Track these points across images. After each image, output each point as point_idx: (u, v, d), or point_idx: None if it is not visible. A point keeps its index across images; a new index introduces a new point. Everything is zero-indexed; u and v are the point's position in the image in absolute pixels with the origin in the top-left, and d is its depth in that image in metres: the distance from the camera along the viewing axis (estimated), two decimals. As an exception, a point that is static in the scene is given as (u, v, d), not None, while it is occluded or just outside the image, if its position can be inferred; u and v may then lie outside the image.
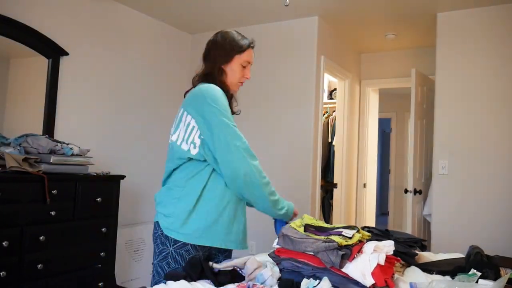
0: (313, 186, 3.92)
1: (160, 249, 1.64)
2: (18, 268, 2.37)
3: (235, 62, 1.77)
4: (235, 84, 1.80)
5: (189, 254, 1.61)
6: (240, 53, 1.77)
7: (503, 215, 3.41)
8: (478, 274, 1.59)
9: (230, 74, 1.77)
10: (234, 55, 1.76)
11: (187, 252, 1.61)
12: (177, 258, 1.60)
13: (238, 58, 1.77)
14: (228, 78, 1.77)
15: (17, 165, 2.39)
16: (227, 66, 1.77)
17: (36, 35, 3.06)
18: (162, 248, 1.63)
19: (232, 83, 1.79)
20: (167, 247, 1.62)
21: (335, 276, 1.46)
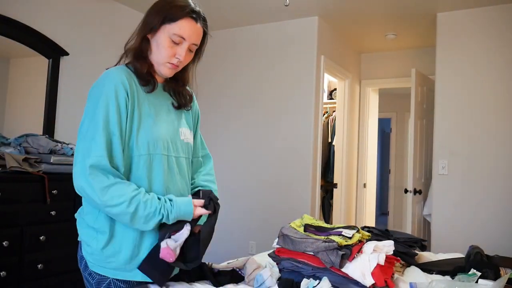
0: (313, 186, 3.92)
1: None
2: (18, 268, 2.37)
3: (162, 33, 1.29)
4: (162, 63, 1.32)
5: None
6: (169, 22, 1.28)
7: (503, 215, 3.41)
8: (478, 274, 1.59)
9: (154, 48, 1.32)
10: (162, 24, 1.29)
11: None
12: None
13: (167, 28, 1.29)
14: (153, 54, 1.33)
15: (17, 165, 2.39)
16: (152, 37, 1.32)
17: (36, 35, 3.06)
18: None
19: (157, 61, 1.33)
20: None
21: (335, 276, 1.47)
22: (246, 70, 4.28)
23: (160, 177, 1.32)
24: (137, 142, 1.28)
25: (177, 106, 1.44)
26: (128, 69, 1.34)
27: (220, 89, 4.35)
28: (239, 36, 4.33)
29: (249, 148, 4.17)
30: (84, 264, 1.33)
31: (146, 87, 1.34)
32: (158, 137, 1.32)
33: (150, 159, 1.30)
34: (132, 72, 1.34)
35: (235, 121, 4.27)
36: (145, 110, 1.32)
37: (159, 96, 1.39)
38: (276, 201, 3.97)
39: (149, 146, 1.30)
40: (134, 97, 1.30)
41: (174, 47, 1.31)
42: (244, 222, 4.12)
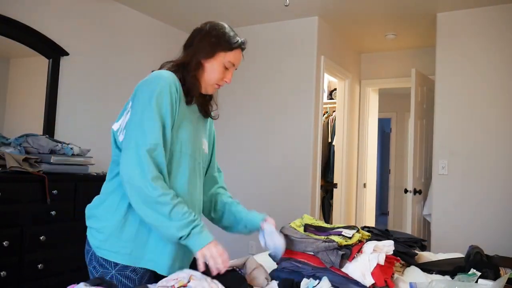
0: (313, 186, 3.92)
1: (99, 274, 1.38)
2: (18, 268, 2.38)
3: (217, 59, 1.46)
4: (211, 84, 1.49)
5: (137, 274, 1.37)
6: (226, 51, 1.47)
7: (503, 215, 3.41)
8: (477, 274, 1.59)
9: (208, 71, 1.46)
10: (219, 52, 1.46)
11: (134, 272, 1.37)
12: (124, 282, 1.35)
13: (222, 56, 1.47)
14: (205, 75, 1.47)
15: (18, 165, 2.39)
16: (207, 62, 1.46)
17: (36, 35, 3.06)
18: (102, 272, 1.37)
19: (208, 82, 1.48)
20: (108, 270, 1.35)
21: (335, 276, 1.47)
22: (246, 70, 4.28)
23: (186, 176, 1.42)
24: (175, 138, 1.38)
25: (205, 115, 1.58)
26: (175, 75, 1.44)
27: (220, 89, 4.35)
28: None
29: (249, 148, 4.17)
30: (90, 256, 1.39)
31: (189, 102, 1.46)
32: (190, 139, 1.44)
33: (181, 157, 1.40)
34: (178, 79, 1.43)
35: (234, 121, 4.27)
36: (186, 114, 1.44)
37: (192, 107, 1.51)
38: (276, 201, 3.97)
39: (182, 145, 1.40)
40: (180, 100, 1.42)
41: (224, 71, 1.50)
42: (244, 222, 4.11)
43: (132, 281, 1.35)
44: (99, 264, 1.36)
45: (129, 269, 1.35)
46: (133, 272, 1.35)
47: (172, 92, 1.35)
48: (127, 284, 1.34)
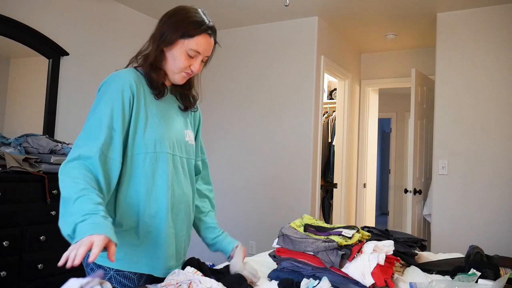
0: (313, 186, 3.92)
1: None
2: (18, 268, 2.37)
3: (178, 47, 1.34)
4: (177, 73, 1.37)
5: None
6: (186, 38, 1.33)
7: (503, 215, 3.41)
8: (478, 274, 1.59)
9: (170, 60, 1.36)
10: (178, 38, 1.33)
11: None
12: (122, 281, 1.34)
13: (184, 43, 1.33)
14: (167, 64, 1.37)
15: (18, 165, 2.39)
16: (167, 50, 1.36)
17: (36, 35, 3.06)
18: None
19: (172, 71, 1.37)
20: (106, 271, 1.33)
21: (335, 276, 1.47)
22: (245, 70, 4.28)
23: (165, 175, 1.35)
24: (144, 140, 1.32)
25: (184, 108, 1.49)
26: (137, 72, 1.38)
27: (220, 89, 4.35)
28: (239, 36, 4.33)
29: (249, 148, 4.17)
30: (86, 259, 1.35)
31: (156, 95, 1.38)
32: (164, 136, 1.35)
33: (156, 157, 1.34)
34: (141, 75, 1.37)
35: (234, 121, 4.27)
36: (153, 111, 1.36)
37: (166, 99, 1.43)
38: (276, 201, 3.98)
39: (155, 144, 1.33)
40: (141, 98, 1.33)
41: (189, 60, 1.36)
42: (244, 222, 4.12)
43: (131, 280, 1.34)
44: (96, 266, 1.34)
45: (126, 270, 1.33)
46: (131, 272, 1.34)
47: (124, 94, 1.28)
48: (126, 284, 1.33)
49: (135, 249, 1.33)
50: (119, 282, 1.33)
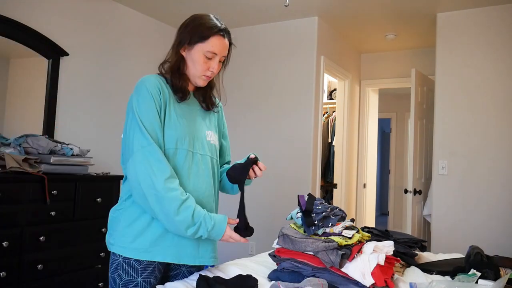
0: (313, 186, 3.92)
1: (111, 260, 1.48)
2: (18, 268, 2.37)
3: (196, 51, 1.46)
4: (198, 77, 1.50)
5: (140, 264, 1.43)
6: (202, 41, 1.45)
7: (503, 215, 3.41)
8: (478, 274, 1.59)
9: (190, 64, 1.48)
10: (195, 43, 1.46)
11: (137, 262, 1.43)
12: (128, 270, 1.43)
13: (200, 46, 1.46)
14: (189, 69, 1.50)
15: (17, 166, 2.39)
16: (187, 55, 1.48)
17: (36, 35, 3.06)
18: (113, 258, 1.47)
19: (193, 75, 1.50)
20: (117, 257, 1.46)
21: (335, 276, 1.47)
22: (245, 70, 4.28)
23: (185, 171, 1.45)
24: (167, 137, 1.42)
25: (206, 107, 1.59)
26: (162, 77, 1.49)
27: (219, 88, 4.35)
28: (239, 36, 4.30)
29: (249, 148, 4.17)
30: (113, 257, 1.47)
31: (180, 98, 1.49)
32: (185, 134, 1.46)
33: (176, 153, 1.44)
34: (164, 80, 1.49)
35: (234, 121, 4.27)
36: (177, 110, 1.47)
37: (190, 103, 1.54)
38: (276, 201, 3.97)
39: (177, 141, 1.44)
40: (167, 99, 1.45)
41: (207, 62, 1.48)
42: (244, 222, 4.11)
43: (135, 270, 1.41)
44: (125, 259, 1.43)
45: (132, 259, 1.41)
46: (136, 261, 1.41)
47: (153, 94, 1.41)
48: (130, 273, 1.41)
49: (148, 238, 1.42)
50: (124, 269, 1.42)
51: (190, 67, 1.49)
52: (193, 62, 1.47)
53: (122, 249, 1.42)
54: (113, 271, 1.44)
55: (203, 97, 1.59)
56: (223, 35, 1.50)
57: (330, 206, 1.67)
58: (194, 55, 1.47)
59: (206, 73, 1.49)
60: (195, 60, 1.47)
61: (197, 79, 1.51)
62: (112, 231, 1.48)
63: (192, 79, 1.51)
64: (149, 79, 1.44)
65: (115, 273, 1.43)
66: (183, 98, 1.49)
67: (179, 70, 1.49)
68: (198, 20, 1.49)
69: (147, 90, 1.40)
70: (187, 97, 1.51)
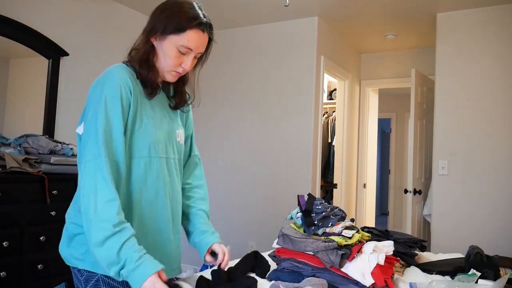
0: (313, 186, 3.92)
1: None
2: (18, 268, 2.37)
3: (169, 42, 1.26)
4: (167, 71, 1.30)
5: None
6: (177, 33, 1.24)
7: (503, 215, 3.41)
8: (478, 274, 1.59)
9: (160, 56, 1.28)
10: (169, 34, 1.25)
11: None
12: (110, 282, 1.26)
13: (174, 39, 1.25)
14: (158, 61, 1.30)
15: (17, 166, 2.39)
16: (158, 45, 1.28)
17: (36, 35, 3.06)
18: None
19: (162, 68, 1.30)
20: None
21: (335, 276, 1.47)
22: (245, 70, 4.28)
23: (160, 180, 1.32)
24: (138, 144, 1.26)
25: (174, 106, 1.42)
26: (129, 68, 1.31)
27: (219, 89, 4.35)
28: (239, 36, 4.33)
29: (249, 148, 4.17)
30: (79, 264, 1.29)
31: (149, 94, 1.31)
32: (158, 139, 1.31)
33: (151, 161, 1.29)
34: (133, 72, 1.30)
35: (234, 121, 4.27)
36: (147, 112, 1.30)
37: (158, 97, 1.37)
38: (276, 201, 3.97)
39: (150, 149, 1.29)
40: (137, 98, 1.27)
41: (180, 57, 1.28)
42: (244, 222, 4.12)
43: (121, 283, 1.26)
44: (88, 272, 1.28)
45: None
46: None
47: (122, 94, 1.23)
48: (116, 286, 1.27)
49: None
50: (107, 284, 1.26)
51: (160, 59, 1.29)
52: (163, 55, 1.27)
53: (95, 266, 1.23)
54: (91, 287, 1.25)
55: (173, 92, 1.42)
56: (202, 29, 1.28)
57: (330, 206, 1.67)
58: (165, 47, 1.26)
59: (177, 69, 1.30)
60: (166, 52, 1.26)
61: (166, 74, 1.31)
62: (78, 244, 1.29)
63: (161, 72, 1.32)
64: (119, 74, 1.25)
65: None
66: (152, 94, 1.31)
67: (148, 61, 1.29)
68: (177, 6, 1.27)
69: (116, 90, 1.22)
70: (157, 92, 1.33)
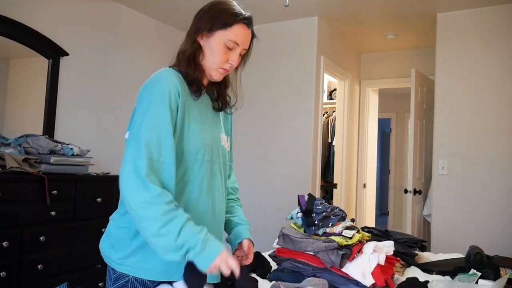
0: (313, 186, 3.92)
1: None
2: (18, 268, 2.37)
3: (216, 38, 1.30)
4: (214, 69, 1.33)
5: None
6: (224, 28, 1.29)
7: (503, 215, 3.41)
8: (478, 274, 1.59)
9: (208, 54, 1.31)
10: (216, 30, 1.29)
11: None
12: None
13: (221, 34, 1.29)
14: (205, 59, 1.32)
15: (17, 166, 2.39)
16: (205, 43, 1.31)
17: (36, 35, 3.06)
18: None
19: (210, 66, 1.33)
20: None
21: (335, 276, 1.47)
22: (245, 70, 4.27)
23: (205, 183, 1.31)
24: (186, 147, 1.26)
25: (218, 108, 1.43)
26: (176, 72, 1.31)
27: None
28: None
29: (249, 148, 4.17)
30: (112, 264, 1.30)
31: (195, 93, 1.32)
32: (205, 143, 1.30)
33: (199, 164, 1.29)
34: (180, 75, 1.31)
35: (234, 121, 4.26)
36: (194, 115, 1.30)
37: (203, 100, 1.37)
38: (276, 201, 3.97)
39: (197, 152, 1.28)
40: (185, 101, 1.27)
41: (228, 52, 1.32)
42: (244, 222, 4.11)
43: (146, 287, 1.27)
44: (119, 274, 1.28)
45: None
46: (150, 280, 1.26)
47: (171, 97, 1.22)
48: None
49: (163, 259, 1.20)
50: (135, 287, 1.26)
51: (207, 56, 1.31)
52: (211, 51, 1.30)
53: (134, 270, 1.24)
54: (118, 287, 1.27)
55: (216, 95, 1.43)
56: (247, 23, 1.34)
57: (330, 206, 1.67)
58: (213, 44, 1.30)
59: (224, 65, 1.33)
60: (214, 49, 1.30)
61: (213, 72, 1.34)
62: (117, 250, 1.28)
63: (207, 71, 1.34)
64: (167, 77, 1.25)
65: None
66: (198, 93, 1.32)
67: (194, 59, 1.32)
68: (221, 5, 1.33)
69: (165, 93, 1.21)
70: (202, 91, 1.33)
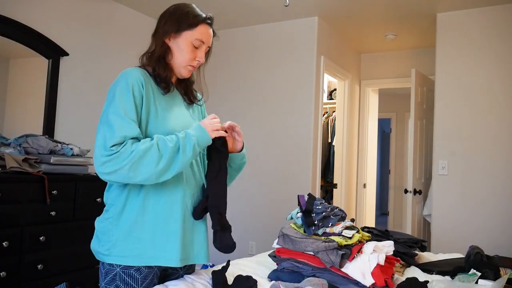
0: (313, 186, 3.92)
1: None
2: (18, 268, 2.37)
3: (183, 39, 1.43)
4: (183, 66, 1.46)
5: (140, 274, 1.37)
6: (191, 29, 1.42)
7: (503, 215, 3.41)
8: (478, 274, 1.59)
9: (176, 53, 1.44)
10: (183, 30, 1.42)
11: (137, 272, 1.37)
12: (127, 280, 1.37)
13: (188, 34, 1.42)
14: (174, 58, 1.45)
15: (17, 166, 2.39)
16: (173, 43, 1.44)
17: (36, 35, 3.06)
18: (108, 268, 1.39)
19: (179, 64, 1.45)
20: (113, 267, 1.38)
21: (335, 276, 1.47)
22: (245, 70, 4.28)
23: (181, 175, 1.41)
24: (156, 132, 1.36)
25: (190, 101, 1.56)
26: (143, 70, 1.44)
27: (220, 89, 4.35)
28: (239, 37, 4.33)
29: (249, 148, 4.16)
30: (104, 257, 1.42)
31: (164, 89, 1.44)
32: (174, 128, 1.40)
33: None
34: (148, 73, 1.44)
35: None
36: (162, 105, 1.42)
37: (173, 95, 1.49)
38: (276, 201, 3.97)
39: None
40: (149, 93, 1.39)
41: (195, 51, 1.45)
42: (244, 222, 4.11)
43: (135, 280, 1.36)
44: (109, 265, 1.40)
45: (132, 268, 1.36)
46: (137, 271, 1.36)
47: (134, 88, 1.34)
48: (130, 284, 1.36)
49: (151, 244, 1.36)
50: (123, 280, 1.36)
51: (176, 56, 1.44)
52: (180, 51, 1.43)
53: (122, 259, 1.35)
54: (108, 282, 1.37)
55: (185, 90, 1.56)
56: (210, 23, 1.48)
57: (330, 206, 1.67)
58: (181, 43, 1.43)
59: (192, 63, 1.46)
60: (182, 48, 1.43)
61: (182, 69, 1.47)
62: (104, 241, 1.41)
63: (177, 69, 1.47)
64: (131, 71, 1.39)
65: (112, 284, 1.36)
66: (167, 89, 1.44)
67: (164, 59, 1.45)
68: (185, 8, 1.46)
69: (128, 84, 1.34)
70: (170, 88, 1.46)
